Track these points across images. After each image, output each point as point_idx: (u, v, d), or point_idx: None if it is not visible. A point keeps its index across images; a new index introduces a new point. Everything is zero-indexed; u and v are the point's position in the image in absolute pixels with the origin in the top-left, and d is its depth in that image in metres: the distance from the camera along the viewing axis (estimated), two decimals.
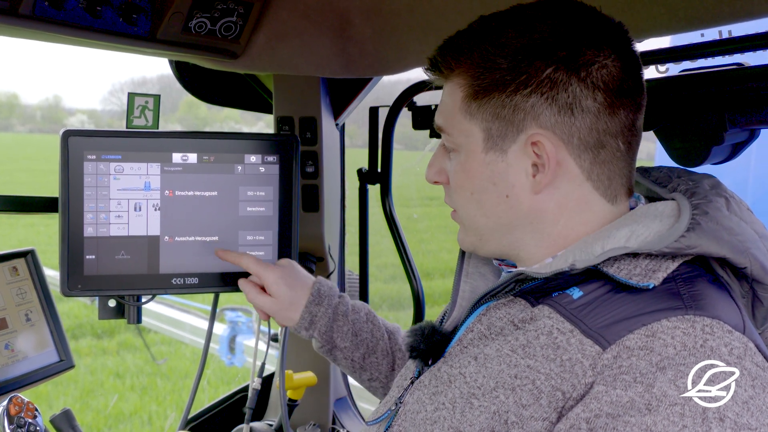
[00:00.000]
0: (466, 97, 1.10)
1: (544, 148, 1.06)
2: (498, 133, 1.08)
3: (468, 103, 1.10)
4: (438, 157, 1.19)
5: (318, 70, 1.95)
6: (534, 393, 0.98)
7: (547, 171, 1.08)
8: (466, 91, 1.10)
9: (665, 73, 1.50)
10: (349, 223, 2.30)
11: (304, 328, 1.58)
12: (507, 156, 1.09)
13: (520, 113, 1.07)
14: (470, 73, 1.09)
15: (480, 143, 1.10)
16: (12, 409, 1.53)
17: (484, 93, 1.08)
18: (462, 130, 1.11)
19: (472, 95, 1.09)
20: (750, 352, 0.94)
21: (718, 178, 1.16)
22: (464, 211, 1.17)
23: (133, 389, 7.03)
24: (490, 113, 1.08)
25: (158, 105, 1.66)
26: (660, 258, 1.03)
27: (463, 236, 1.20)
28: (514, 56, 1.06)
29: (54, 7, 1.37)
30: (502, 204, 1.11)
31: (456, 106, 1.11)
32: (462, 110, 1.10)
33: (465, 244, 1.21)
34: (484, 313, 1.13)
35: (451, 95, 1.12)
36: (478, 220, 1.15)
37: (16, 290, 1.69)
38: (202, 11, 1.59)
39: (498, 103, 1.07)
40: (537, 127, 1.07)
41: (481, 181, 1.11)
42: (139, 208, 1.64)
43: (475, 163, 1.11)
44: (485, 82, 1.07)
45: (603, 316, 0.99)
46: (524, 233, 1.13)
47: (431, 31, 1.72)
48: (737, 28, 1.34)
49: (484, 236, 1.16)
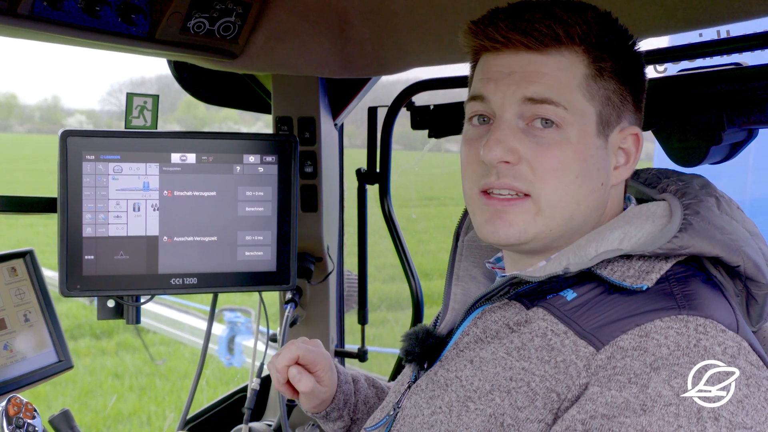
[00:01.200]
0: (588, 75, 1.06)
1: (635, 143, 1.11)
2: (607, 118, 1.08)
3: (588, 83, 1.06)
4: (508, 135, 1.06)
5: (317, 70, 1.95)
6: (529, 395, 0.98)
7: (630, 165, 1.12)
8: (588, 70, 1.06)
9: (664, 72, 1.50)
10: (347, 223, 2.30)
11: (336, 409, 1.42)
12: (608, 143, 1.09)
13: (625, 103, 1.09)
14: (591, 53, 1.06)
15: (593, 126, 1.07)
16: (11, 410, 1.52)
17: (605, 75, 1.07)
18: (578, 108, 1.06)
19: (594, 75, 1.07)
20: (744, 351, 0.94)
21: (718, 178, 1.16)
22: (555, 195, 1.06)
23: (132, 390, 7.02)
24: (605, 96, 1.07)
25: (157, 105, 1.66)
26: (653, 259, 1.03)
27: (526, 224, 1.08)
28: (627, 46, 1.10)
29: (53, 7, 1.36)
30: (597, 191, 1.09)
31: (575, 82, 1.06)
32: (582, 87, 1.06)
33: (522, 235, 1.08)
34: (479, 316, 1.12)
35: (566, 69, 1.06)
36: (567, 206, 1.07)
37: (15, 291, 1.69)
38: (201, 11, 1.59)
39: (613, 88, 1.08)
40: (626, 122, 1.11)
41: (589, 165, 1.07)
42: (137, 208, 1.64)
43: (588, 146, 1.07)
44: (607, 64, 1.07)
45: (597, 317, 0.99)
46: (587, 224, 1.11)
47: (430, 31, 1.72)
48: (735, 28, 1.35)
49: (560, 224, 1.08)
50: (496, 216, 1.08)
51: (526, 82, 1.06)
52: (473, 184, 1.11)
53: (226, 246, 1.69)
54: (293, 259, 1.76)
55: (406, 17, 1.73)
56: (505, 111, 1.07)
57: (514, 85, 1.06)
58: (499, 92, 1.07)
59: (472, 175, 1.11)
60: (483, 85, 1.10)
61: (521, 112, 1.07)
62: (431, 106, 1.96)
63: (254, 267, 1.74)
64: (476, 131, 1.12)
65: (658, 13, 1.35)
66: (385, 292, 9.13)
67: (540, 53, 1.06)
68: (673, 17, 1.34)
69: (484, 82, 1.10)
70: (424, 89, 1.99)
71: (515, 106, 1.07)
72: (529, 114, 1.06)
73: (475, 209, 1.13)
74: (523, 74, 1.06)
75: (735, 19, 1.30)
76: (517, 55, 1.07)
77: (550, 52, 1.05)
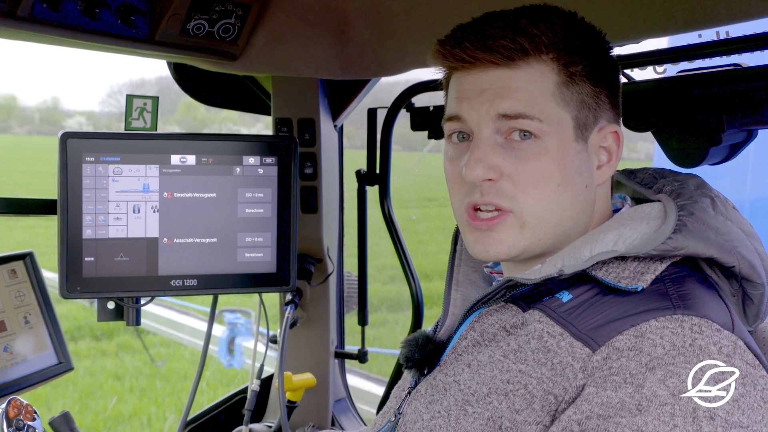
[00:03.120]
0: (560, 83, 1.07)
1: (616, 140, 1.12)
2: (584, 121, 1.08)
3: (561, 90, 1.07)
4: (488, 152, 1.07)
5: (316, 72, 1.95)
6: (527, 398, 0.98)
7: (613, 162, 1.12)
8: (559, 77, 1.07)
9: (663, 73, 1.50)
10: (347, 224, 2.30)
11: None
12: (588, 146, 1.10)
13: (600, 103, 1.10)
14: (561, 59, 1.07)
15: (571, 132, 1.08)
16: (11, 412, 1.52)
17: (577, 80, 1.07)
18: (553, 117, 1.06)
19: (565, 82, 1.07)
20: (739, 350, 0.95)
21: (717, 179, 1.16)
22: (538, 206, 1.07)
23: (132, 391, 7.02)
24: (579, 101, 1.08)
25: (156, 107, 1.66)
26: (648, 260, 1.03)
27: (514, 239, 1.09)
28: (597, 45, 1.10)
29: (52, 9, 1.36)
30: (581, 195, 1.10)
31: (547, 92, 1.06)
32: (555, 96, 1.06)
33: (512, 250, 1.10)
34: (476, 320, 1.12)
35: (536, 81, 1.06)
36: (552, 215, 1.08)
37: (15, 293, 1.69)
38: (201, 13, 1.59)
39: (587, 91, 1.08)
40: (605, 121, 1.11)
41: (570, 171, 1.07)
42: (137, 209, 1.64)
43: (567, 152, 1.07)
44: (578, 68, 1.07)
45: (592, 318, 0.99)
46: (577, 227, 1.12)
47: (429, 32, 1.72)
48: (735, 29, 1.35)
49: (547, 233, 1.09)
50: (484, 236, 1.10)
51: (498, 99, 1.06)
52: (460, 202, 1.13)
53: (226, 247, 1.69)
54: (293, 261, 1.76)
55: (405, 18, 1.73)
56: (482, 128, 1.08)
57: (487, 103, 1.07)
58: (474, 111, 1.08)
59: (458, 192, 1.13)
60: (457, 104, 1.11)
61: (498, 127, 1.08)
62: (431, 107, 1.96)
63: (254, 268, 1.74)
64: (457, 149, 1.14)
65: (657, 15, 1.36)
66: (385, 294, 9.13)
67: (509, 68, 1.06)
68: (673, 18, 1.34)
69: (458, 101, 1.11)
70: (424, 90, 1.99)
71: (491, 123, 1.07)
72: (505, 129, 1.07)
73: (464, 228, 1.15)
74: (495, 91, 1.07)
75: (734, 20, 1.30)
76: (487, 72, 1.08)
77: (518, 65, 1.06)
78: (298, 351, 2.25)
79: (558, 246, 1.11)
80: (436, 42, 1.11)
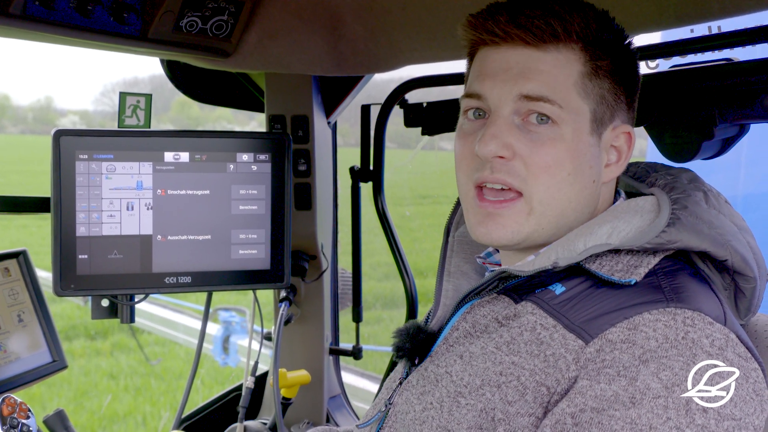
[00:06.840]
0: (584, 73, 1.07)
1: (627, 141, 1.12)
2: (600, 116, 1.09)
3: (584, 81, 1.07)
4: (504, 130, 1.06)
5: (310, 69, 1.95)
6: (519, 389, 0.98)
7: (622, 163, 1.13)
8: (584, 68, 1.07)
9: (655, 68, 1.50)
10: (341, 221, 2.30)
11: None
12: (601, 141, 1.10)
13: (618, 102, 1.10)
14: (588, 51, 1.07)
15: (587, 124, 1.08)
16: (5, 410, 1.52)
17: (601, 74, 1.08)
18: (573, 106, 1.07)
19: (590, 74, 1.07)
20: (731, 343, 0.95)
21: (710, 174, 1.17)
22: (547, 192, 1.07)
23: (127, 390, 7.01)
24: (599, 95, 1.08)
25: (150, 104, 1.66)
26: (641, 253, 1.04)
27: (519, 225, 1.08)
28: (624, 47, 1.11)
29: (45, 6, 1.36)
30: (589, 188, 1.10)
31: (570, 80, 1.06)
32: (577, 85, 1.07)
33: (515, 236, 1.09)
34: (468, 311, 1.13)
35: (562, 66, 1.06)
36: (559, 204, 1.08)
37: (8, 291, 1.69)
38: (193, 10, 1.59)
39: (607, 87, 1.09)
40: (619, 120, 1.11)
41: (582, 163, 1.08)
42: (131, 207, 1.64)
43: (581, 144, 1.07)
44: (603, 63, 1.08)
45: (585, 310, 1.00)
46: (578, 221, 1.12)
47: (423, 29, 1.72)
48: (727, 24, 1.35)
49: (551, 222, 1.09)
50: (488, 218, 1.09)
51: (523, 79, 1.06)
52: (468, 178, 1.12)
53: (219, 244, 1.69)
54: (287, 258, 1.76)
55: (399, 15, 1.73)
56: (502, 107, 1.08)
57: (511, 82, 1.07)
58: (496, 89, 1.08)
59: (467, 168, 1.12)
60: (480, 81, 1.10)
61: (517, 108, 1.07)
62: (424, 103, 1.96)
63: (248, 265, 1.74)
64: (471, 125, 1.12)
65: (649, 10, 1.36)
66: (379, 291, 9.13)
67: (538, 49, 1.06)
68: (665, 13, 1.35)
69: (481, 79, 1.10)
70: (417, 87, 1.99)
71: (511, 103, 1.07)
72: (524, 110, 1.07)
73: (468, 208, 1.14)
74: (521, 70, 1.06)
75: (726, 15, 1.31)
76: (515, 50, 1.07)
77: (548, 48, 1.06)
78: (293, 348, 2.25)
79: (556, 238, 1.11)
80: (468, 15, 1.10)
